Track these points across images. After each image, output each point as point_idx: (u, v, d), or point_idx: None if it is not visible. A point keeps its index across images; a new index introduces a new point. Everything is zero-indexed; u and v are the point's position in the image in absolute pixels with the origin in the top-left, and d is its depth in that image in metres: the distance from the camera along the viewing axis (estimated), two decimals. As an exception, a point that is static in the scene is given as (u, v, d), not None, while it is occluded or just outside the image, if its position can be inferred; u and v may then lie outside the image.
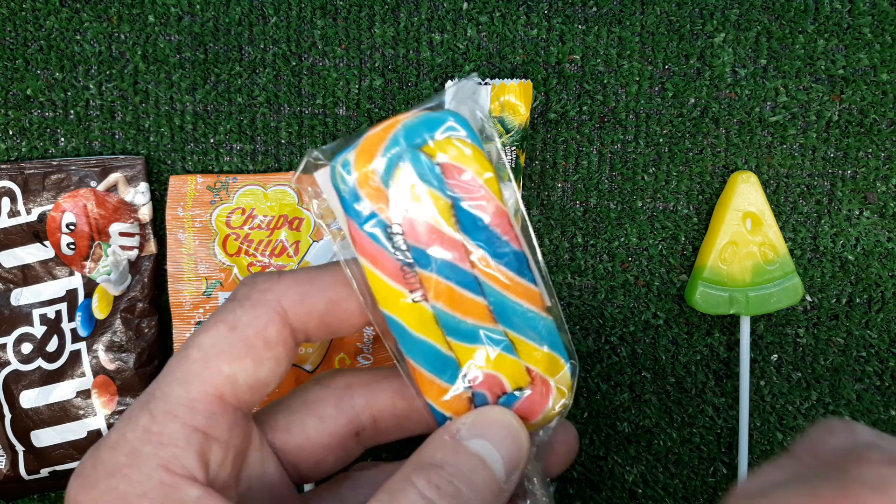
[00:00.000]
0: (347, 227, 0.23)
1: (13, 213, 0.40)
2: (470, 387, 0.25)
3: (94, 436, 0.40)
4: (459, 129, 0.23)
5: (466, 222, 0.24)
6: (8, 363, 0.40)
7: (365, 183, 0.23)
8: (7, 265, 0.40)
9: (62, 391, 0.40)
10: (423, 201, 0.23)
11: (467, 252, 0.24)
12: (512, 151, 0.38)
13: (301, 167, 0.24)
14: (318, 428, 0.26)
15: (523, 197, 0.41)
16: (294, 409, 0.26)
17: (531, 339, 0.25)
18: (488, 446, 0.23)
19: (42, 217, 0.40)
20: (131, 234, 0.40)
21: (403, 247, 0.23)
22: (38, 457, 0.40)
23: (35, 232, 0.40)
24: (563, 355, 0.25)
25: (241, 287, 0.25)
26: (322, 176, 0.23)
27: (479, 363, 0.24)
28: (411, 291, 0.24)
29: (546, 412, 0.25)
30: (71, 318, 0.40)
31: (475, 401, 0.25)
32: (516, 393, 0.25)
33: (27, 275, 0.40)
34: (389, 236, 0.23)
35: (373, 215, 0.23)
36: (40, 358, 0.40)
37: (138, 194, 0.40)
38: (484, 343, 0.24)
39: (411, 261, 0.23)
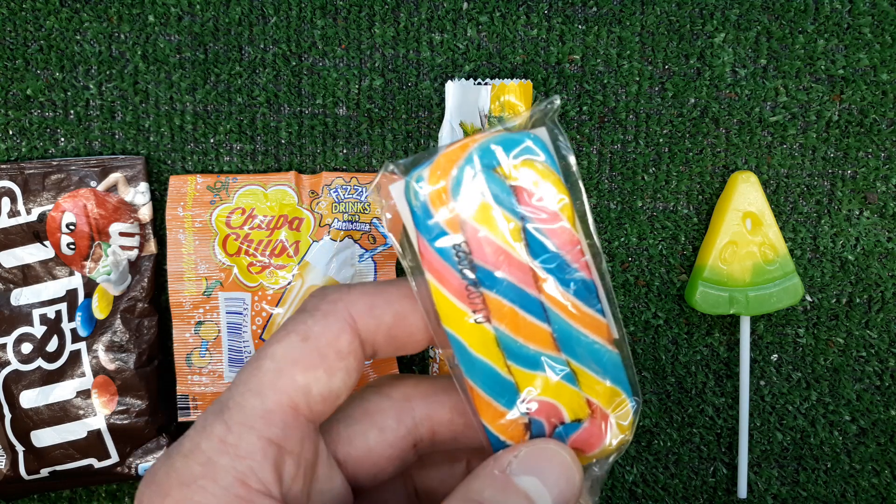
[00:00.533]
0: (417, 242, 0.23)
1: (13, 213, 0.40)
2: (527, 413, 0.24)
3: (94, 436, 0.40)
4: (537, 152, 0.23)
5: (536, 246, 0.23)
6: (8, 363, 0.40)
7: (437, 199, 0.23)
8: (7, 265, 0.40)
9: (62, 391, 0.40)
10: (493, 222, 0.23)
11: (535, 277, 0.23)
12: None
13: (377, 179, 0.24)
14: (380, 440, 0.26)
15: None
16: (356, 419, 0.26)
17: (594, 372, 0.24)
18: (538, 484, 0.23)
19: (42, 217, 0.40)
20: (131, 234, 0.40)
21: (470, 266, 0.23)
22: (38, 457, 0.40)
23: (35, 232, 0.40)
24: (626, 391, 0.24)
25: (310, 299, 0.24)
26: (396, 189, 0.24)
27: (538, 390, 0.24)
28: (475, 311, 0.23)
29: (603, 447, 0.25)
30: (71, 318, 0.40)
31: (531, 428, 0.24)
32: (574, 424, 0.24)
33: (27, 275, 0.40)
34: (457, 254, 0.23)
35: (442, 232, 0.23)
36: (40, 358, 0.40)
37: (138, 194, 0.40)
38: (545, 370, 0.24)
39: (476, 280, 0.23)
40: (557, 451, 0.24)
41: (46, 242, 0.40)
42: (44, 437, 0.40)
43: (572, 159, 0.24)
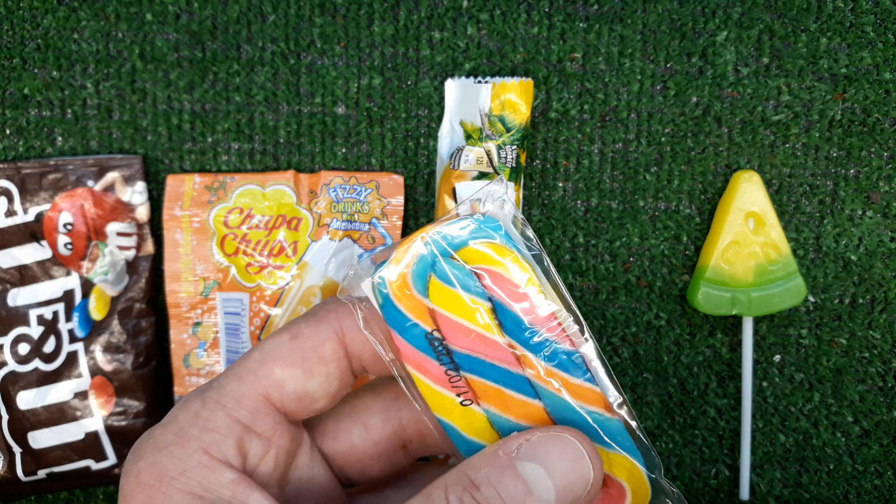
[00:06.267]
0: (391, 338, 0.24)
1: (10, 213, 0.40)
2: None
3: (92, 437, 0.39)
4: (491, 233, 0.23)
5: (510, 325, 0.23)
6: (5, 364, 0.40)
7: (401, 293, 0.23)
8: (4, 265, 0.40)
9: (59, 392, 0.39)
10: (460, 306, 0.23)
11: (514, 355, 0.23)
12: (513, 150, 0.38)
13: (343, 283, 0.25)
14: (364, 437, 0.26)
15: (524, 197, 0.41)
16: (342, 415, 0.27)
17: (598, 442, 0.23)
18: (542, 474, 0.21)
19: (39, 217, 0.40)
20: (128, 234, 0.40)
21: (446, 352, 0.23)
22: (35, 458, 0.39)
23: (32, 232, 0.40)
24: (636, 457, 0.23)
25: (315, 306, 0.26)
26: (366, 287, 0.24)
27: None
28: (459, 395, 0.24)
29: None
30: (68, 319, 0.40)
31: None
32: None
33: (24, 275, 0.40)
34: (431, 342, 0.23)
35: (413, 325, 0.23)
36: (37, 359, 0.40)
37: (136, 194, 0.40)
38: None
39: (456, 365, 0.23)
40: (572, 441, 0.22)
41: (43, 242, 0.40)
42: (41, 439, 0.39)
43: (531, 233, 0.24)
